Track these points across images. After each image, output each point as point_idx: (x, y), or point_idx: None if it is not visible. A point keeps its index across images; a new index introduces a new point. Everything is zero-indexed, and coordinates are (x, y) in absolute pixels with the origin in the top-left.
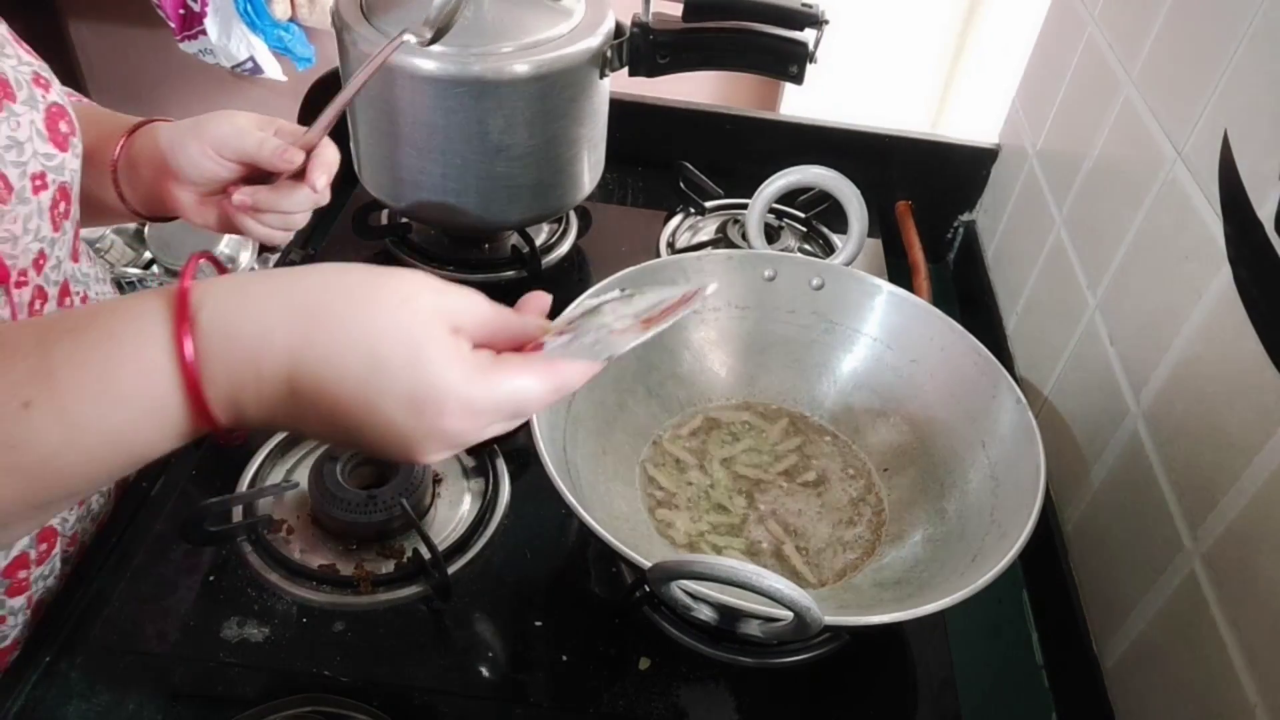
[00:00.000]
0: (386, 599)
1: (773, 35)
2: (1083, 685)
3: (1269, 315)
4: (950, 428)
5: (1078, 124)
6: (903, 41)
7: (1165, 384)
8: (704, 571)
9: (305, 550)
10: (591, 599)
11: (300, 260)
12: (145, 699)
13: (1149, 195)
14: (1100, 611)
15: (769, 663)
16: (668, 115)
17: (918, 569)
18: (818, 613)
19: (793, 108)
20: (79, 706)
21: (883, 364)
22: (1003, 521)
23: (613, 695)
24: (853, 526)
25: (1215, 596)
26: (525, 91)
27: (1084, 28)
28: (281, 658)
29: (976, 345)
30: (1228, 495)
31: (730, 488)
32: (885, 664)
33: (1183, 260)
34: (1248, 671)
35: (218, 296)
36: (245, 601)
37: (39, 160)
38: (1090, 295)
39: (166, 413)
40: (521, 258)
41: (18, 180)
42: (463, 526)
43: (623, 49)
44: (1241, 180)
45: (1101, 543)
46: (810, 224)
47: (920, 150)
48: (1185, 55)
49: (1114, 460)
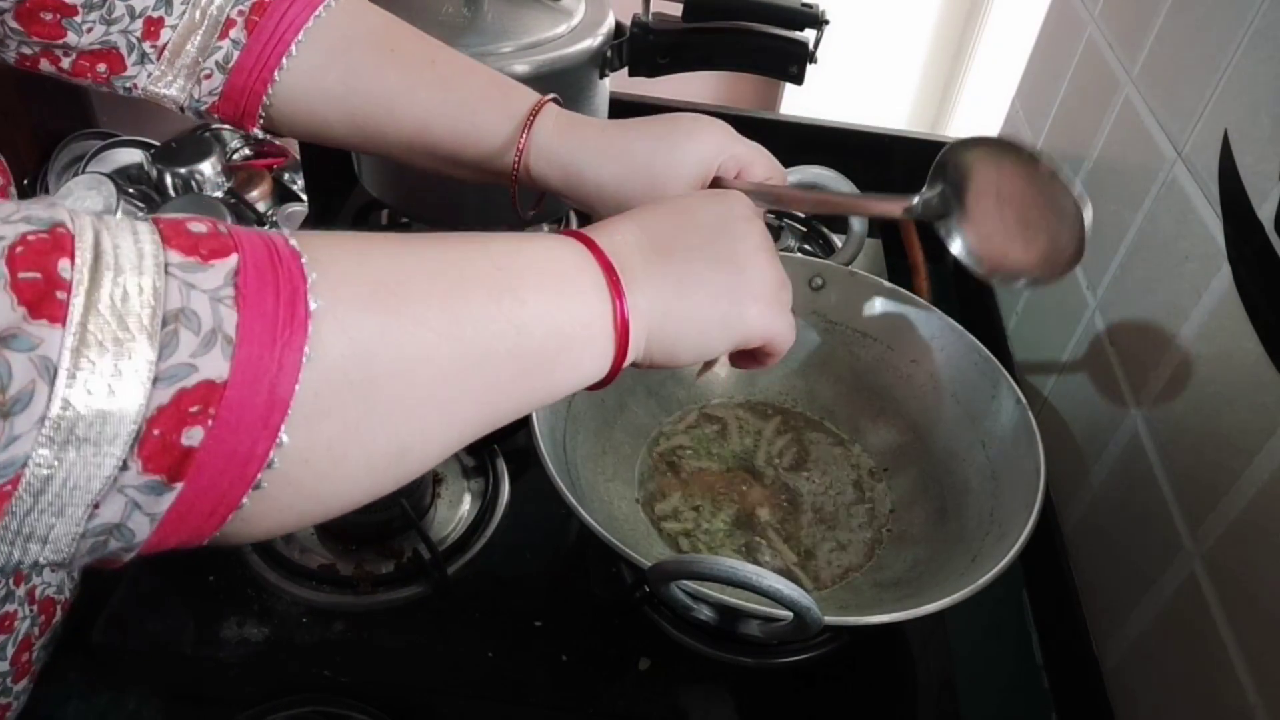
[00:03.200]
0: (386, 599)
1: (773, 35)
2: (1083, 685)
3: (1269, 315)
4: (950, 428)
5: (1078, 124)
6: (903, 41)
7: (1165, 384)
8: (704, 571)
9: (305, 550)
10: (591, 599)
11: None
12: (145, 699)
13: (1149, 195)
14: (1100, 611)
15: (769, 663)
16: None
17: (918, 569)
18: (817, 613)
19: (793, 108)
20: (79, 706)
21: (883, 364)
22: (1003, 521)
23: (613, 695)
24: (852, 526)
25: (1215, 597)
26: None
27: (1084, 28)
28: (281, 658)
29: (976, 345)
30: (1228, 495)
31: (730, 487)
32: (885, 664)
33: (1183, 260)
34: (1248, 671)
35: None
36: (245, 601)
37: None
38: (1090, 295)
39: (593, 306)
40: None
41: None
42: (463, 526)
43: (623, 49)
44: (1241, 180)
45: (1101, 543)
46: (810, 224)
47: (920, 150)
48: (1185, 55)
49: (1114, 460)
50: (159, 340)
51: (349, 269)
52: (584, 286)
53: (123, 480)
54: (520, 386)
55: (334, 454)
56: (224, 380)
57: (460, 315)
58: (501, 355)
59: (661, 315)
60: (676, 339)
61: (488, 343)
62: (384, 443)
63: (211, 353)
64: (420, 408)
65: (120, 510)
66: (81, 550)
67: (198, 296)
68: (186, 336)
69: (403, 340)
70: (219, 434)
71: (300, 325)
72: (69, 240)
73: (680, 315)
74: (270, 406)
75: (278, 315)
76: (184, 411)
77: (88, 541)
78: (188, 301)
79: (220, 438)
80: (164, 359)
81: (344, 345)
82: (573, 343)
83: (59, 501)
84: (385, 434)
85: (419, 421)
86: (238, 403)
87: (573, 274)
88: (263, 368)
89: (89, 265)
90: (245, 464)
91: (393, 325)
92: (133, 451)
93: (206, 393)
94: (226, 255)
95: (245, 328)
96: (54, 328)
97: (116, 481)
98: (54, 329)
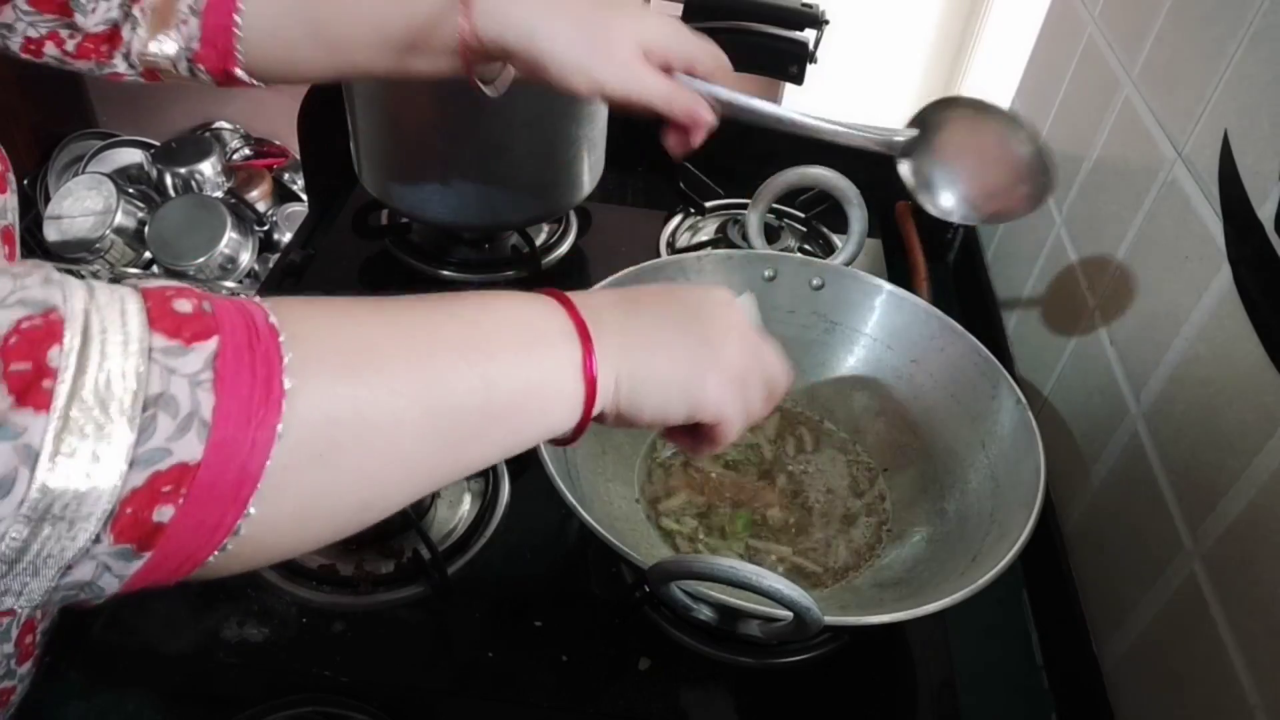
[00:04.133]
0: (386, 599)
1: (773, 35)
2: (1083, 685)
3: (1269, 315)
4: (950, 428)
5: (1078, 124)
6: (903, 41)
7: (1165, 384)
8: (703, 571)
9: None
10: (591, 599)
11: (300, 260)
12: (145, 699)
13: (1149, 195)
14: (1100, 611)
15: (769, 663)
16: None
17: (918, 569)
18: (817, 613)
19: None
20: (79, 706)
21: (883, 364)
22: (1003, 521)
23: (613, 695)
24: (853, 526)
25: (1215, 597)
26: (525, 91)
27: (1084, 28)
28: (281, 658)
29: (976, 345)
30: (1228, 495)
31: (730, 487)
32: (885, 664)
33: (1183, 260)
34: (1248, 671)
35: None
36: (245, 601)
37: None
38: (1090, 295)
39: (561, 356)
40: (521, 258)
41: None
42: (463, 526)
43: None
44: (1241, 180)
45: (1101, 543)
46: (810, 224)
47: None
48: (1185, 55)
49: (1114, 460)
50: (138, 425)
51: (324, 340)
52: (554, 339)
53: (95, 550)
54: (488, 439)
55: (299, 518)
56: (197, 462)
57: (430, 378)
58: (470, 410)
59: (629, 372)
60: (641, 396)
61: (458, 399)
62: (349, 502)
63: (187, 437)
64: (387, 468)
65: (91, 571)
66: (54, 599)
67: (178, 381)
68: (164, 421)
69: (374, 409)
70: (189, 509)
71: (275, 405)
72: (60, 326)
73: (645, 373)
74: (240, 482)
75: (253, 396)
76: (157, 491)
77: (59, 594)
78: (168, 387)
79: (190, 512)
80: (141, 443)
81: (316, 419)
82: (541, 392)
83: (32, 567)
84: (351, 495)
85: (384, 481)
86: (209, 481)
87: (542, 325)
88: (236, 448)
89: (76, 350)
90: (213, 533)
91: (364, 395)
92: (105, 527)
93: (180, 474)
94: (208, 338)
95: (221, 411)
96: (39, 415)
97: (89, 551)
98: (39, 416)
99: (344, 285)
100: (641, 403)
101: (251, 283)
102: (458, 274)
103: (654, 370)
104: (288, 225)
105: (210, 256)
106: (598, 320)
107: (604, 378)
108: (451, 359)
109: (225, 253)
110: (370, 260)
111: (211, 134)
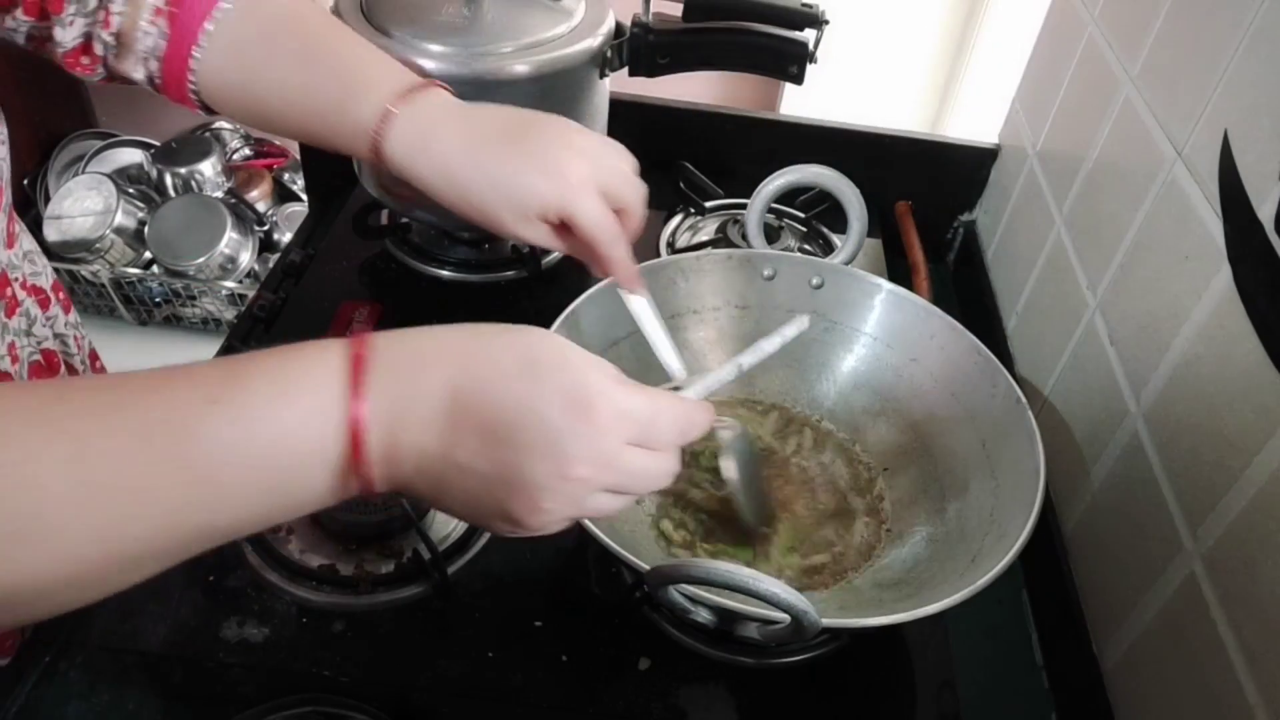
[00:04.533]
0: (386, 599)
1: (773, 35)
2: (1083, 685)
3: (1269, 315)
4: (950, 428)
5: (1078, 124)
6: (903, 41)
7: (1165, 384)
8: (700, 575)
9: (305, 550)
10: (591, 599)
11: (300, 260)
12: (145, 699)
13: (1149, 195)
14: (1100, 611)
15: (769, 663)
16: (668, 115)
17: (918, 569)
18: (815, 616)
19: (793, 108)
20: (79, 706)
21: (883, 363)
22: (1003, 521)
23: (613, 695)
24: (852, 526)
25: (1215, 597)
26: (525, 91)
27: (1084, 28)
28: (281, 658)
29: (976, 345)
30: (1228, 495)
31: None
32: (885, 664)
33: (1183, 260)
34: (1248, 672)
35: (381, 337)
36: (245, 601)
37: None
38: (1090, 295)
39: (327, 426)
40: (521, 258)
41: None
42: (463, 526)
43: (623, 49)
44: (1241, 180)
45: (1101, 543)
46: (810, 224)
47: (920, 150)
48: (1185, 55)
49: (1114, 460)
50: None
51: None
52: (313, 384)
53: None
54: (230, 499)
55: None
56: None
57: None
58: (207, 471)
59: (433, 466)
60: (444, 494)
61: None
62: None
63: None
64: (65, 543)
65: None
66: None
67: None
68: None
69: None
70: None
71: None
72: None
73: (451, 483)
74: None
75: None
76: None
77: None
78: None
79: None
80: None
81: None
82: (288, 440)
83: None
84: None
85: (76, 556)
86: None
87: (302, 372)
88: None
89: None
90: None
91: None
92: None
93: None
94: None
95: None
96: None
97: None
98: None
99: (344, 285)
100: (447, 503)
101: (251, 283)
102: (457, 274)
103: (459, 490)
104: (288, 225)
105: (210, 256)
106: (406, 395)
107: (376, 435)
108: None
109: (225, 253)
110: (370, 260)
111: (211, 134)
